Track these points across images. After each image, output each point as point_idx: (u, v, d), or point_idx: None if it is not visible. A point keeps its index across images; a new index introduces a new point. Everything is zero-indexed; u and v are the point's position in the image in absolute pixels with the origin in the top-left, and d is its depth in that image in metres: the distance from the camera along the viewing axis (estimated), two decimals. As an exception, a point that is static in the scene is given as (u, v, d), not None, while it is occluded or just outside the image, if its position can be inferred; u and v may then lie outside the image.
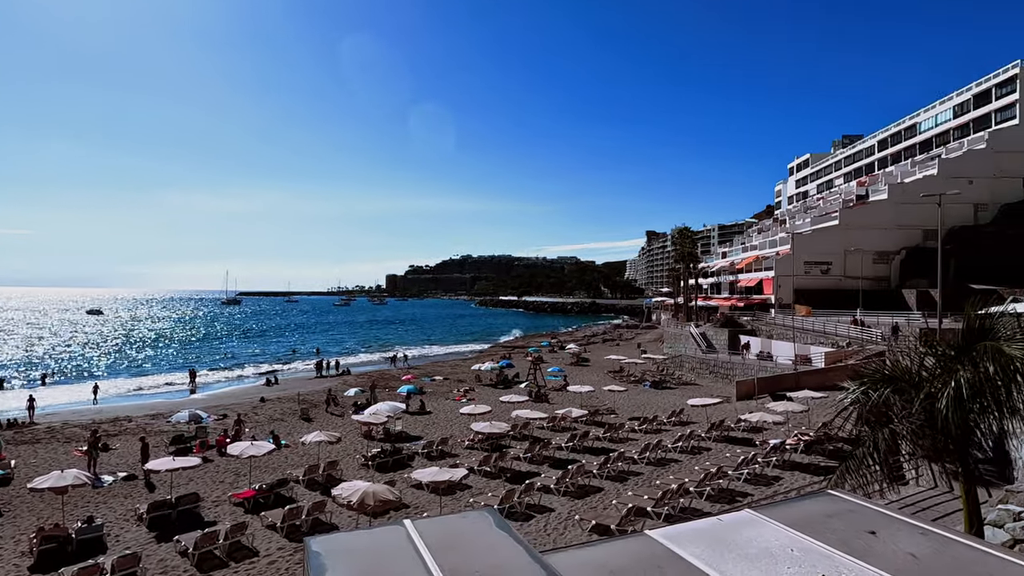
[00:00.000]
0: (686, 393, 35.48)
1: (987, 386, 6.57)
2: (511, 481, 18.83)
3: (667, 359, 48.08)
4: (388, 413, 25.46)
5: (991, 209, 56.18)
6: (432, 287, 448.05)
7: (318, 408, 33.07)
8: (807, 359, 37.40)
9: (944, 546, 4.12)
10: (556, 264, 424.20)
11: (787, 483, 18.13)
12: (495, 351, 69.06)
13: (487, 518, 4.81)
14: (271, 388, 42.25)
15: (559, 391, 37.55)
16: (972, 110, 62.08)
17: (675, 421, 27.52)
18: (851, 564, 3.86)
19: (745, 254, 71.52)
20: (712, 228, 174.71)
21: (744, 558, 4.07)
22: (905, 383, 7.35)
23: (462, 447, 23.86)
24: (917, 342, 9.75)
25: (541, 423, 26.73)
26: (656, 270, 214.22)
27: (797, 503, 5.27)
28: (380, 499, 13.28)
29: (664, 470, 19.98)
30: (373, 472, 20.30)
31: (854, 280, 51.89)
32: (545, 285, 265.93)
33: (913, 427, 7.24)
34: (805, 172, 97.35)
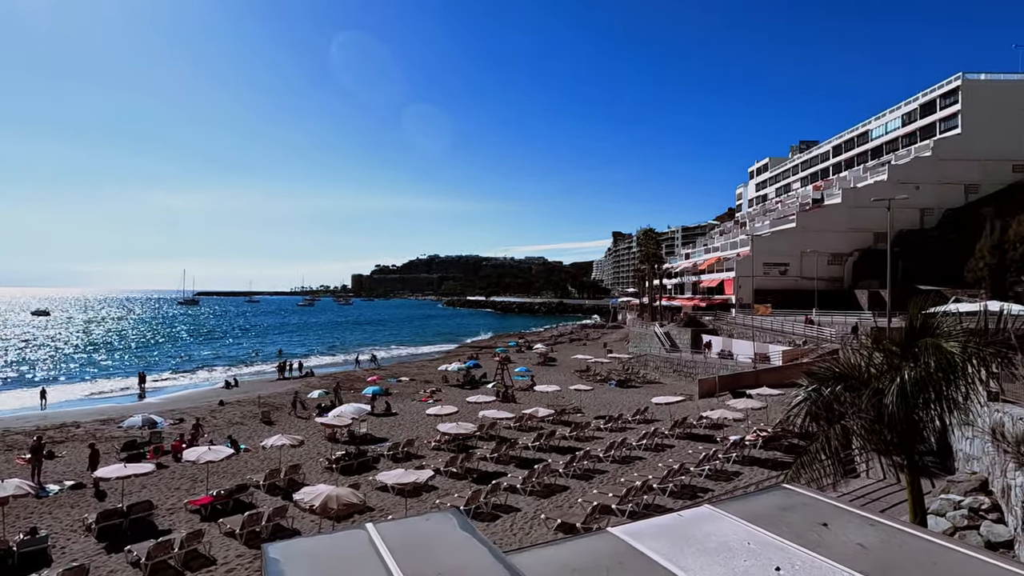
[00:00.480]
0: (650, 391, 36.10)
1: (929, 381, 6.91)
2: (478, 482, 18.79)
3: (632, 358, 48.82)
4: (353, 415, 25.06)
5: (936, 214, 59.11)
6: (399, 287, 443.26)
7: (280, 411, 32.28)
8: (766, 357, 38.57)
9: (890, 536, 4.28)
10: (524, 264, 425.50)
11: (746, 478, 18.65)
12: (462, 351, 68.79)
13: (451, 519, 4.78)
14: (231, 391, 41.01)
15: (526, 391, 37.67)
16: (919, 119, 65.19)
17: (640, 419, 27.97)
18: (804, 555, 3.97)
19: (707, 255, 73.34)
20: (676, 229, 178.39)
21: (703, 552, 4.15)
22: (855, 380, 7.67)
23: (428, 448, 23.68)
24: (866, 340, 10.17)
25: (508, 423, 26.77)
26: (622, 270, 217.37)
27: (754, 497, 5.40)
28: (344, 503, 13.06)
29: (628, 468, 20.28)
30: (337, 475, 19.94)
31: (810, 281, 53.84)
32: (513, 285, 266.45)
33: (863, 422, 7.56)
34: (765, 176, 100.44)
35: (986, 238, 40.90)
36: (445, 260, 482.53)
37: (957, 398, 7.34)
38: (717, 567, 3.89)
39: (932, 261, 49.33)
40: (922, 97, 64.88)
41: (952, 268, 45.57)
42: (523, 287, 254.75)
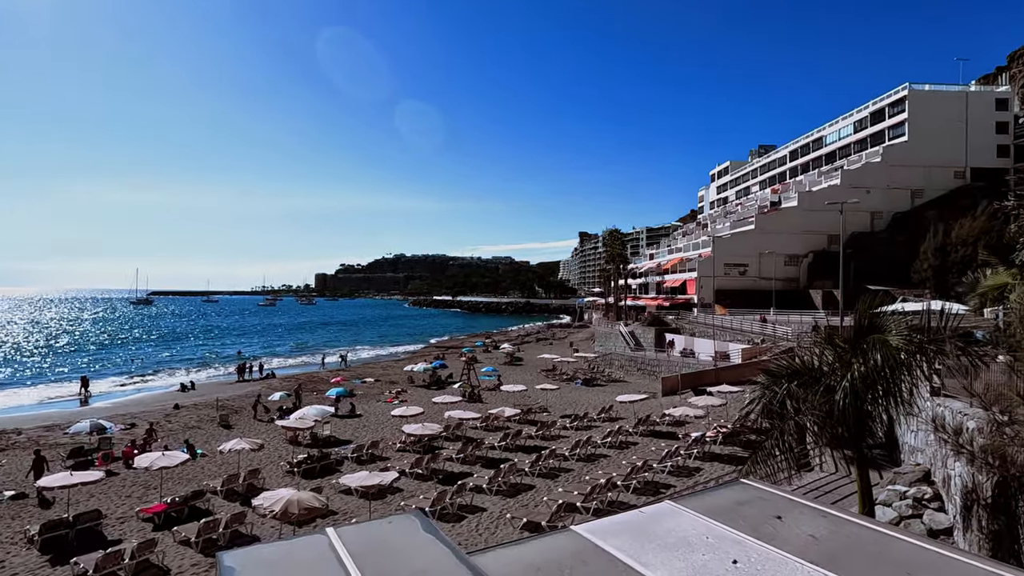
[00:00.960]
0: (615, 390, 36.60)
1: (877, 377, 7.24)
2: (443, 482, 18.69)
3: (598, 357, 49.40)
4: (316, 417, 24.56)
5: (885, 217, 61.90)
6: (364, 287, 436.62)
7: (240, 414, 31.36)
8: (726, 355, 39.62)
9: (840, 526, 4.45)
10: (491, 264, 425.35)
11: (707, 474, 19.11)
12: (428, 352, 68.28)
13: (414, 521, 4.73)
14: (187, 394, 39.61)
15: (493, 391, 37.66)
16: (869, 126, 68.13)
17: (604, 417, 28.32)
18: (759, 548, 4.08)
19: (671, 256, 74.88)
20: (641, 230, 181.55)
21: (663, 547, 4.22)
22: (808, 377, 7.96)
23: (393, 450, 23.42)
24: (818, 338, 10.56)
25: (474, 423, 26.71)
26: (588, 271, 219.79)
27: (713, 493, 5.52)
28: (305, 507, 12.77)
29: (593, 466, 20.51)
30: (299, 479, 19.50)
31: (768, 281, 55.59)
32: (480, 285, 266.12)
33: (815, 418, 7.85)
34: (725, 179, 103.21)
35: (930, 241, 43.07)
36: (411, 259, 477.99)
37: (903, 393, 7.71)
38: (677, 562, 3.97)
39: (882, 262, 51.64)
40: (872, 105, 67.83)
41: (900, 269, 47.82)
42: (490, 287, 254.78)
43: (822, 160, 76.01)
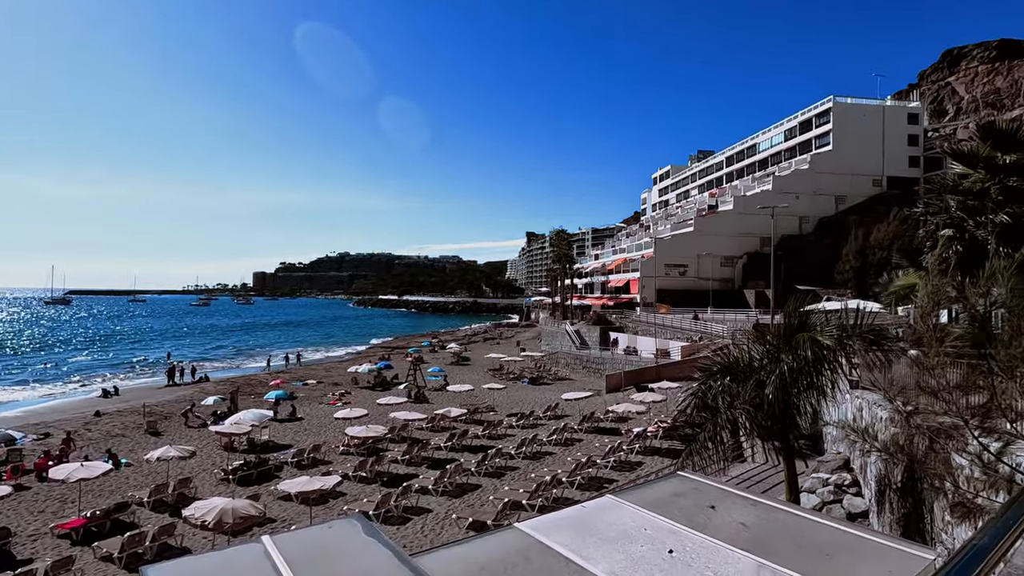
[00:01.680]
0: (561, 388, 37.12)
1: (803, 371, 7.71)
2: (388, 485, 18.39)
3: (544, 356, 49.94)
4: (253, 422, 23.59)
5: (812, 221, 65.78)
6: (306, 286, 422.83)
7: (169, 420, 29.66)
8: (666, 353, 40.96)
9: (768, 514, 4.70)
10: (438, 263, 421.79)
11: (648, 467, 19.72)
12: (373, 352, 66.94)
13: (355, 525, 4.64)
14: (110, 400, 37.06)
15: (439, 391, 37.37)
16: (798, 135, 72.24)
17: (550, 415, 28.69)
18: (693, 536, 4.25)
19: (615, 256, 76.70)
20: (587, 231, 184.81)
21: (603, 541, 4.32)
22: (740, 372, 8.37)
23: (336, 453, 22.83)
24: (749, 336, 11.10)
25: (420, 424, 26.43)
26: (536, 270, 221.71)
27: (652, 486, 5.69)
28: (240, 515, 12.25)
29: (539, 463, 20.74)
30: (234, 487, 18.66)
31: (706, 281, 57.97)
32: (427, 284, 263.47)
33: (747, 411, 8.27)
34: (667, 182, 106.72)
35: (851, 244, 46.14)
36: (356, 258, 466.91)
37: (826, 387, 8.24)
38: (616, 554, 4.08)
39: (809, 263, 54.86)
40: (801, 116, 71.96)
41: (826, 270, 50.94)
42: (437, 286, 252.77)
43: (756, 166, 79.94)
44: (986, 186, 11.46)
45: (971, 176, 12.58)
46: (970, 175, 12.66)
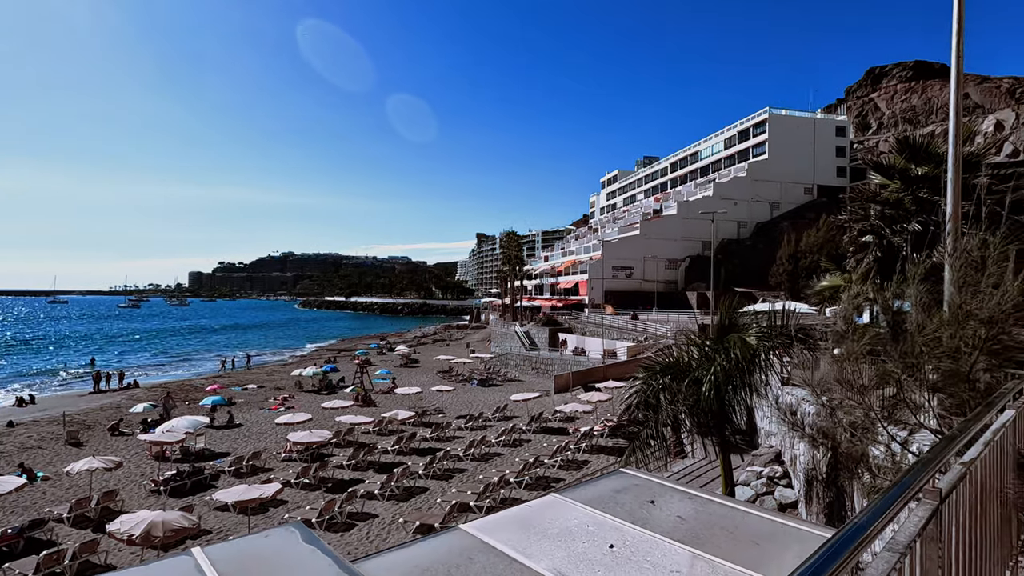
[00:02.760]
0: (511, 389, 37.27)
1: (736, 369, 8.09)
2: (332, 491, 17.92)
3: (494, 357, 50.00)
4: (187, 429, 22.43)
5: (749, 226, 68.97)
6: (247, 286, 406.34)
7: (94, 430, 27.77)
8: (613, 353, 41.86)
9: (704, 507, 4.90)
10: (387, 264, 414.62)
11: (593, 465, 20.10)
12: (319, 355, 65.03)
13: (294, 533, 4.51)
14: (25, 409, 34.29)
15: (387, 394, 36.76)
16: (737, 144, 75.60)
17: (499, 417, 28.76)
18: (634, 531, 4.38)
19: (564, 258, 77.74)
20: (537, 233, 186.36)
21: (546, 538, 4.39)
22: (679, 371, 8.69)
23: (278, 460, 22.04)
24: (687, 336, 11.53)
25: (367, 428, 25.90)
26: (486, 272, 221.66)
27: (595, 483, 5.81)
28: (172, 528, 11.63)
29: (487, 464, 20.74)
30: (165, 498, 17.69)
31: (651, 283, 59.69)
32: (375, 285, 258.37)
33: (687, 408, 8.59)
34: (614, 186, 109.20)
35: (784, 248, 48.63)
36: (301, 258, 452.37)
37: (758, 384, 8.66)
38: (559, 551, 4.15)
39: (747, 267, 57.49)
40: (740, 125, 75.34)
41: (762, 273, 53.46)
42: (386, 287, 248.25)
43: (698, 173, 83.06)
44: (901, 196, 12.42)
45: (889, 187, 13.58)
46: (888, 186, 13.65)
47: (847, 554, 1.10)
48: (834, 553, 1.09)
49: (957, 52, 7.40)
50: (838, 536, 1.14)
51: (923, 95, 78.51)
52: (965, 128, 20.12)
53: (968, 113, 63.97)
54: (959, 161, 7.29)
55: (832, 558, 1.06)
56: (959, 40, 7.43)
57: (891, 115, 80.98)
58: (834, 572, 1.02)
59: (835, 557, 1.07)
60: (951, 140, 7.35)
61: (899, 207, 12.45)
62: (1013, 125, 57.84)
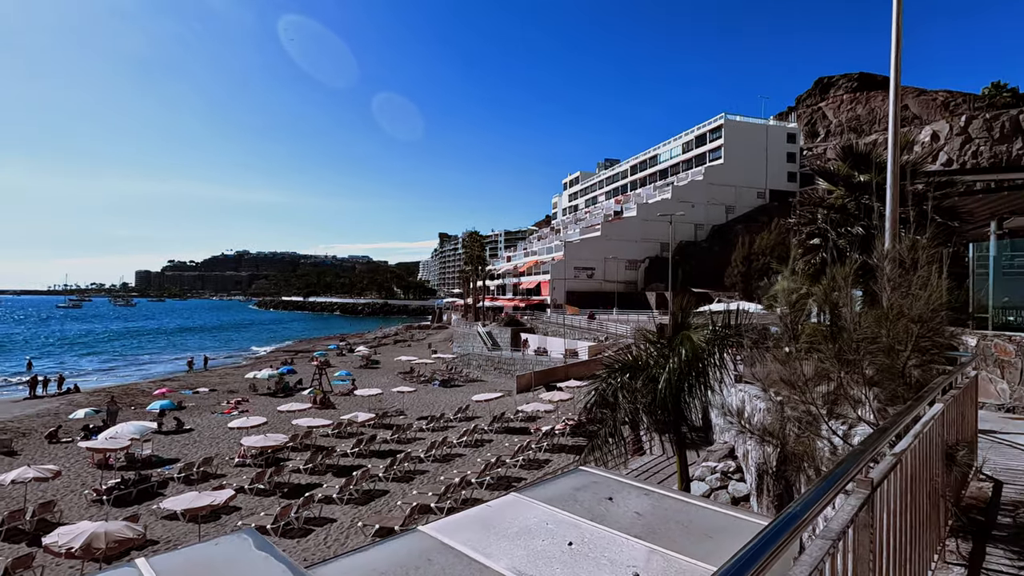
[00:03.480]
0: (473, 390, 37.18)
1: (691, 367, 8.32)
2: (289, 496, 17.47)
3: (456, 358, 49.77)
4: (133, 435, 21.43)
5: (706, 229, 70.96)
6: (199, 286, 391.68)
7: (29, 437, 26.17)
8: (575, 353, 42.32)
9: (660, 502, 5.02)
10: (347, 263, 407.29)
11: (554, 464, 20.27)
12: (275, 356, 63.25)
13: (246, 540, 4.39)
14: (-49, 417, 32.03)
15: (346, 396, 36.08)
16: (694, 148, 77.68)
17: (461, 417, 28.64)
18: (592, 528, 4.46)
19: (527, 259, 78.10)
20: (499, 233, 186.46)
21: (506, 537, 4.41)
22: (637, 370, 8.88)
23: (231, 466, 21.32)
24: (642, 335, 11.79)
25: (325, 430, 25.35)
26: (448, 272, 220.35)
27: (555, 481, 5.88)
28: (115, 539, 11.10)
29: (449, 466, 20.64)
30: (109, 508, 16.84)
31: (612, 283, 60.64)
32: (335, 285, 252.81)
33: (644, 406, 8.78)
34: (576, 188, 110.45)
35: (739, 250, 50.24)
36: (257, 257, 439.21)
37: (711, 381, 8.93)
38: (518, 550, 4.18)
39: (703, 268, 59.10)
40: (697, 130, 77.44)
41: (717, 274, 55.07)
42: (346, 287, 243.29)
43: (657, 176, 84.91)
44: (845, 202, 13.07)
45: (834, 192, 14.24)
46: (833, 191, 14.32)
47: (780, 541, 1.16)
48: (768, 541, 1.15)
49: (896, 67, 7.84)
50: (772, 525, 1.21)
51: (867, 105, 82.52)
52: (903, 138, 21.30)
53: (906, 124, 67.61)
54: (897, 169, 7.72)
55: (766, 546, 1.12)
56: (897, 57, 7.87)
57: (838, 123, 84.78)
58: (768, 559, 1.08)
59: (769, 545, 1.13)
60: (890, 150, 7.78)
61: (844, 212, 13.07)
62: (947, 136, 61.53)
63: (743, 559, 1.05)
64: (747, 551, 1.07)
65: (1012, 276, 10.43)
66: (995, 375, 9.51)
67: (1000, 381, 9.44)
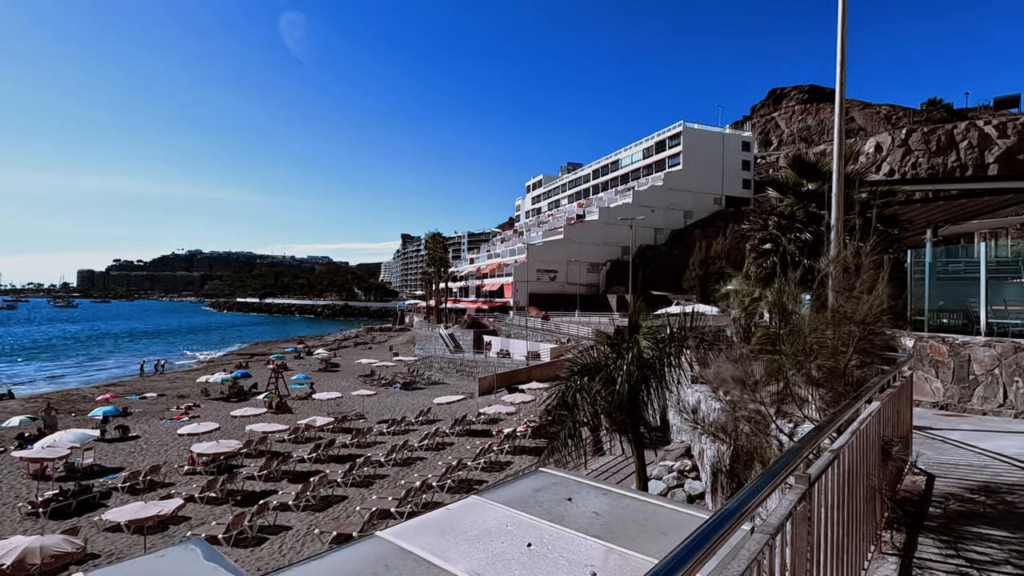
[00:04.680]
0: (434, 392, 36.89)
1: (648, 368, 8.51)
2: (242, 504, 16.89)
3: (418, 360, 49.29)
4: (73, 443, 20.33)
5: (665, 233, 72.58)
6: (147, 286, 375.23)
7: (-45, 447, 24.47)
8: (537, 355, 42.57)
9: (618, 501, 5.11)
10: (306, 264, 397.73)
11: (516, 466, 20.31)
12: (229, 360, 61.16)
13: (194, 551, 4.24)
14: None
15: (304, 400, 35.24)
16: (655, 154, 79.38)
17: (422, 420, 28.38)
18: (552, 529, 4.49)
19: (490, 261, 78.06)
20: (463, 235, 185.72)
21: (465, 540, 4.40)
22: (596, 372, 9.01)
23: (180, 474, 20.48)
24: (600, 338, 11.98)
25: (281, 436, 24.68)
26: (411, 273, 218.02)
27: (515, 483, 5.90)
28: (52, 553, 10.50)
29: (410, 469, 20.41)
30: (45, 521, 15.91)
31: (574, 286, 61.27)
32: (293, 286, 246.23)
33: (603, 407, 8.91)
34: (539, 191, 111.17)
35: (696, 254, 51.62)
36: (210, 256, 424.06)
37: (669, 382, 9.15)
38: (477, 553, 4.18)
39: (663, 271, 60.43)
40: (657, 136, 79.18)
41: (676, 277, 56.42)
42: (305, 288, 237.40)
43: (618, 180, 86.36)
44: (794, 210, 13.63)
45: (785, 200, 14.82)
46: (784, 199, 14.90)
47: (717, 536, 1.21)
48: (705, 536, 1.20)
49: (841, 81, 8.23)
50: (709, 521, 1.26)
51: (817, 116, 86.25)
52: (848, 149, 22.33)
53: (852, 135, 71.00)
54: (842, 178, 8.10)
55: (703, 541, 1.17)
56: (842, 73, 8.27)
57: (789, 133, 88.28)
58: (704, 554, 1.13)
59: (706, 540, 1.18)
60: (835, 160, 8.16)
61: (792, 219, 13.62)
62: (889, 147, 64.95)
63: (680, 554, 1.09)
64: (685, 546, 1.11)
65: (946, 281, 11.09)
66: (930, 375, 10.08)
67: (935, 380, 10.01)
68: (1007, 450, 6.43)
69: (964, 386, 9.59)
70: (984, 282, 9.99)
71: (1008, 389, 9.00)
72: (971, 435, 7.51)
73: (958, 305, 10.80)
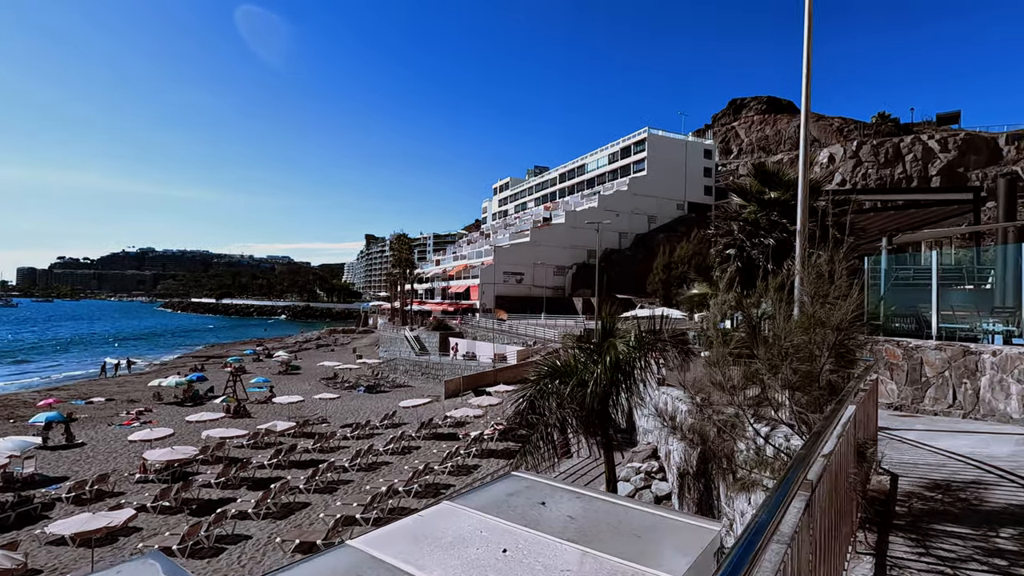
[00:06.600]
0: (399, 395, 36.38)
1: (619, 371, 8.56)
2: (198, 513, 16.21)
3: (382, 363, 48.54)
4: (11, 451, 19.14)
5: (630, 237, 73.74)
6: (95, 285, 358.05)
7: None
8: (504, 357, 42.50)
9: (590, 504, 5.10)
10: (265, 264, 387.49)
11: (484, 470, 20.17)
12: (183, 363, 58.87)
13: (152, 565, 4.01)
14: None
15: (264, 404, 34.21)
16: (620, 159, 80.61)
17: (387, 424, 27.92)
18: (526, 534, 4.43)
19: (456, 262, 77.70)
20: (428, 236, 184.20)
21: (439, 548, 4.30)
22: (565, 374, 9.02)
23: (131, 482, 19.52)
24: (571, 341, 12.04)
25: (240, 441, 23.84)
26: (375, 274, 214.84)
27: (487, 488, 5.82)
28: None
29: (375, 474, 20.02)
30: (-20, 535, 14.91)
31: (541, 288, 61.52)
32: (252, 287, 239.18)
33: (573, 410, 8.92)
34: (506, 193, 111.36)
35: (660, 259, 52.58)
36: (163, 255, 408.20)
37: (637, 385, 9.23)
38: (452, 560, 4.08)
39: (627, 275, 61.30)
40: (622, 142, 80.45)
41: (640, 281, 57.33)
42: (264, 289, 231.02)
43: (585, 184, 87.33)
44: (758, 216, 14.04)
45: (748, 207, 15.24)
46: (747, 206, 15.32)
47: (756, 549, 1.16)
48: (746, 549, 1.15)
49: (806, 95, 8.49)
50: (745, 535, 1.22)
51: (774, 127, 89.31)
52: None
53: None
54: (807, 187, 8.35)
55: (746, 553, 1.13)
56: (807, 87, 8.53)
57: (749, 142, 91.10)
58: (748, 568, 1.08)
59: (748, 552, 1.14)
60: (800, 170, 8.41)
61: (756, 225, 14.00)
62: (842, 158, 67.79)
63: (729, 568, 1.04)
64: (731, 559, 1.06)
65: (899, 287, 11.58)
66: (885, 376, 10.50)
67: (890, 382, 10.42)
68: (961, 449, 6.72)
69: (917, 388, 10.02)
70: (936, 288, 10.47)
71: (957, 390, 9.44)
72: (925, 435, 7.83)
73: (910, 310, 11.29)
